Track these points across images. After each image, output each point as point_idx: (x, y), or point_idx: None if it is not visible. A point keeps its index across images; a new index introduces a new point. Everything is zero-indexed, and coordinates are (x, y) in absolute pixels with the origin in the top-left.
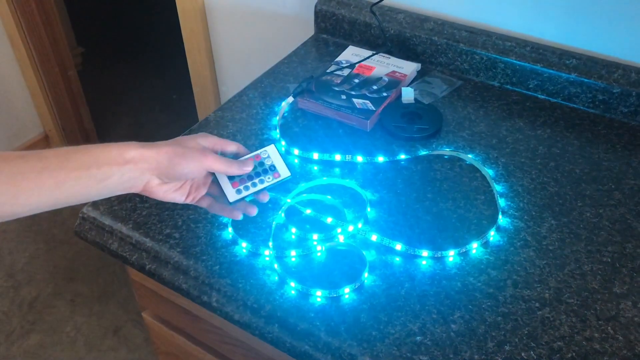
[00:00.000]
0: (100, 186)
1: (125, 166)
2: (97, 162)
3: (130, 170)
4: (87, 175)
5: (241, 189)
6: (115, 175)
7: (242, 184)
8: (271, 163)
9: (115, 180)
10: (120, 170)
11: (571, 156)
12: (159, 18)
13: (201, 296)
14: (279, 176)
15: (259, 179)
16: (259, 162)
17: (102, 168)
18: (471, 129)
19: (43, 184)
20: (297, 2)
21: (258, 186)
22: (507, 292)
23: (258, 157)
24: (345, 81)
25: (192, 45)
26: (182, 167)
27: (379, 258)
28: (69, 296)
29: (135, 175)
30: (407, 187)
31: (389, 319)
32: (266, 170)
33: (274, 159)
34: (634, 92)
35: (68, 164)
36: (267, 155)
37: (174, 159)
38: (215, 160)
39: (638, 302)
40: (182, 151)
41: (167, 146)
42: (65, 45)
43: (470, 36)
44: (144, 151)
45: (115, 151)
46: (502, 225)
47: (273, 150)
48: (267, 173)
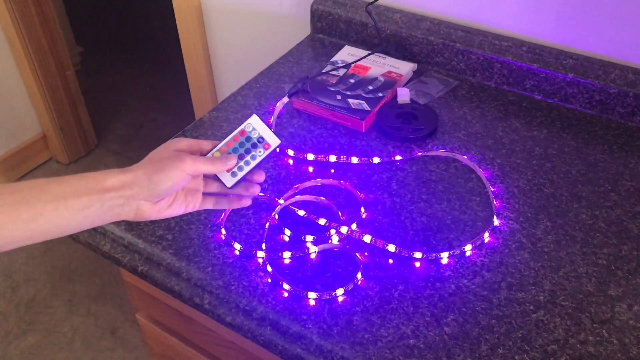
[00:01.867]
0: (79, 217)
1: (106, 195)
2: (75, 192)
3: (111, 199)
4: (64, 206)
5: (235, 170)
6: (95, 205)
7: (234, 166)
8: (258, 135)
9: (97, 209)
10: (101, 200)
11: (567, 157)
12: (157, 18)
13: (193, 298)
14: (269, 147)
15: (251, 155)
16: (245, 138)
17: (81, 198)
18: (467, 130)
19: (18, 217)
20: (293, 2)
21: (252, 163)
22: (501, 294)
23: (243, 133)
24: (340, 81)
25: (188, 44)
26: (164, 181)
27: (372, 260)
28: (66, 296)
29: (118, 203)
30: (402, 188)
31: (382, 321)
32: (255, 144)
33: (260, 129)
34: (630, 92)
35: (44, 195)
36: (252, 129)
37: (153, 177)
38: (195, 161)
39: (633, 305)
40: (158, 166)
41: (143, 166)
42: (63, 45)
43: (466, 36)
44: (122, 177)
45: (92, 181)
46: (497, 227)
47: (256, 120)
48: (256, 147)
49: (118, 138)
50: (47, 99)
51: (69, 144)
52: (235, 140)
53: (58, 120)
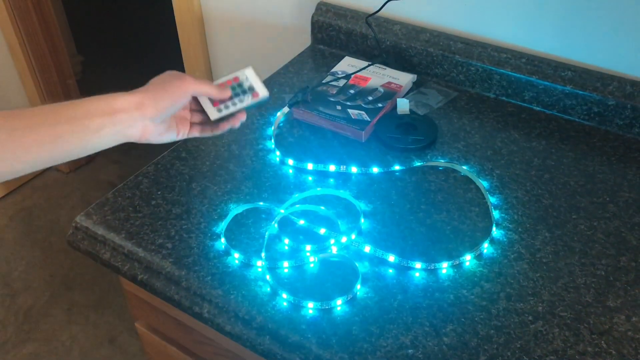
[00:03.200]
0: (95, 137)
1: (116, 116)
2: (88, 114)
3: (122, 120)
4: (82, 128)
5: (221, 107)
6: (107, 126)
7: (222, 102)
8: (250, 84)
9: (109, 130)
10: (112, 120)
11: (566, 168)
12: (158, 28)
13: (193, 307)
14: (257, 96)
15: (239, 98)
16: (237, 84)
17: (94, 119)
18: (466, 140)
19: (41, 139)
20: (294, 13)
21: (238, 105)
22: (500, 305)
23: (237, 79)
24: (340, 92)
25: (189, 55)
26: (168, 99)
27: (371, 270)
28: (65, 305)
29: (129, 123)
30: (401, 199)
31: (381, 331)
32: (245, 90)
33: (253, 80)
34: (629, 104)
35: (61, 117)
36: (245, 77)
37: (157, 95)
38: (196, 82)
39: (632, 316)
40: (162, 85)
41: (148, 88)
42: (64, 54)
43: (465, 47)
44: (130, 98)
45: (103, 102)
46: (496, 238)
47: (251, 72)
48: (246, 93)
49: (118, 147)
50: None
51: None
52: (227, 83)
53: None
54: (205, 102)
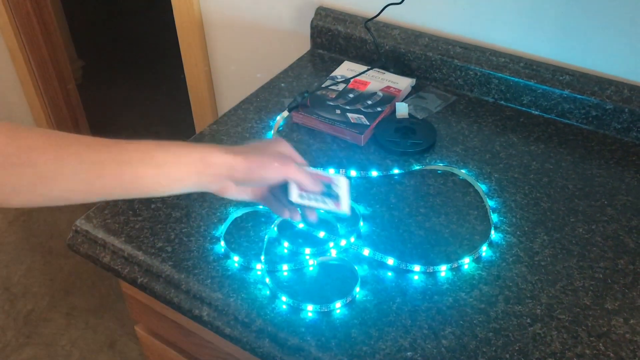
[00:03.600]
0: (175, 185)
1: (206, 171)
2: (178, 162)
3: (209, 175)
4: (165, 174)
5: (304, 194)
6: (192, 178)
7: (308, 192)
8: (338, 193)
9: (191, 182)
10: (199, 175)
11: (564, 172)
12: (159, 33)
13: (192, 310)
14: (339, 207)
15: (320, 199)
16: (327, 185)
17: (182, 169)
18: (465, 144)
19: (121, 177)
20: (293, 18)
21: (319, 204)
22: (498, 307)
23: (329, 179)
24: (340, 96)
25: (189, 59)
26: (262, 176)
27: (370, 273)
28: (65, 309)
29: (214, 180)
30: (400, 202)
31: (380, 334)
32: (330, 195)
33: (342, 191)
34: (626, 108)
35: (149, 160)
36: (337, 184)
37: (253, 169)
38: (297, 171)
39: (630, 318)
40: (262, 160)
41: (247, 154)
42: (65, 59)
43: (464, 52)
44: (226, 158)
45: (197, 154)
46: (495, 241)
47: (345, 184)
48: (330, 197)
49: None
50: (49, 112)
51: None
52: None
53: None
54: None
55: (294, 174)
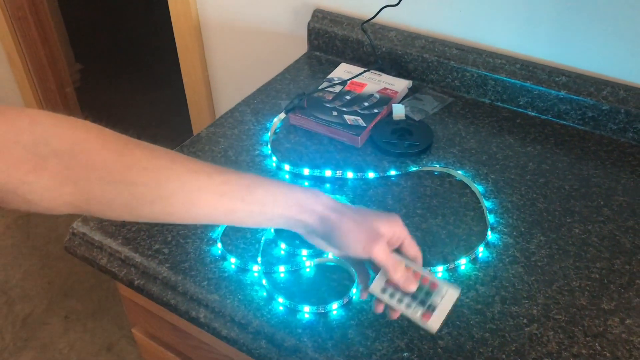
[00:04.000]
0: (264, 222)
1: (299, 216)
2: (274, 203)
3: (300, 220)
4: (259, 212)
5: (388, 290)
6: (282, 219)
7: (394, 288)
8: (437, 303)
9: (279, 222)
10: (291, 219)
11: (561, 173)
12: (156, 36)
13: (189, 312)
14: (427, 319)
15: (408, 302)
16: (427, 291)
17: (275, 210)
18: (461, 146)
19: (218, 208)
20: (290, 20)
21: (401, 307)
22: (495, 308)
23: (434, 286)
24: (336, 98)
25: (187, 62)
26: (341, 242)
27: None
28: (63, 313)
29: (300, 224)
30: (397, 203)
31: (376, 335)
32: (424, 302)
33: (442, 304)
34: (622, 109)
35: (249, 197)
36: (442, 295)
37: (334, 231)
38: (383, 252)
39: (626, 318)
40: (348, 227)
41: (343, 215)
42: (62, 62)
43: (460, 54)
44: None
45: (295, 200)
46: (491, 242)
47: (453, 297)
48: (422, 305)
49: None
50: None
51: None
52: (424, 282)
53: None
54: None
55: (380, 257)
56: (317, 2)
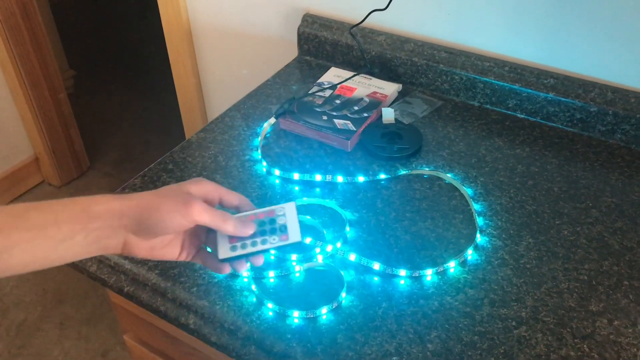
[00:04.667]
0: (60, 248)
1: (91, 224)
2: (57, 220)
3: (97, 229)
4: (43, 236)
5: (237, 245)
6: (78, 235)
7: (240, 240)
8: (284, 223)
9: (80, 240)
10: (85, 229)
11: (549, 174)
12: (149, 42)
13: (179, 318)
14: (286, 239)
15: (263, 238)
16: (270, 219)
17: (62, 227)
18: (451, 148)
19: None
20: (280, 25)
21: (258, 247)
22: (484, 310)
23: (272, 213)
24: (326, 102)
25: (178, 67)
26: (158, 220)
27: (357, 278)
28: (58, 319)
29: (104, 234)
30: (387, 207)
31: (365, 339)
32: (274, 229)
33: (289, 219)
34: (610, 110)
35: (22, 223)
36: (282, 213)
37: (147, 212)
38: (203, 211)
39: (614, 319)
40: (159, 202)
41: (142, 197)
42: (55, 69)
43: (449, 57)
44: (113, 204)
45: (78, 207)
46: (480, 244)
47: (291, 209)
48: (274, 233)
49: (110, 160)
50: (40, 122)
51: (61, 166)
52: (258, 217)
53: (50, 143)
54: (222, 235)
55: (202, 216)
56: (307, 7)
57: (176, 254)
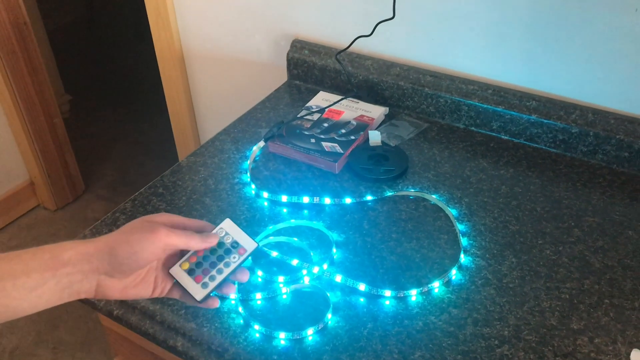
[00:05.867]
0: (32, 297)
1: (61, 270)
2: (26, 269)
3: (68, 275)
4: (12, 286)
5: (207, 281)
6: (49, 282)
7: (205, 274)
8: (232, 240)
9: (51, 287)
10: (56, 276)
11: (533, 195)
12: (143, 67)
13: (167, 340)
14: (245, 251)
15: (224, 262)
16: (219, 244)
17: (32, 276)
18: (436, 170)
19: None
20: (270, 51)
21: (225, 271)
22: (467, 330)
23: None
24: (315, 125)
25: (171, 92)
26: (130, 253)
27: (343, 299)
28: (51, 344)
29: (76, 278)
30: (373, 228)
31: (350, 359)
32: (228, 250)
33: (234, 233)
34: (591, 131)
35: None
36: (224, 233)
37: (117, 248)
38: (170, 233)
39: (595, 337)
40: (126, 236)
41: (109, 237)
42: (51, 93)
43: (434, 80)
44: (81, 248)
45: (47, 254)
46: (464, 264)
47: (229, 224)
48: (230, 253)
49: (105, 183)
50: (35, 146)
51: (56, 190)
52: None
53: (46, 167)
54: (186, 279)
55: (166, 237)
56: (296, 33)
57: (149, 290)
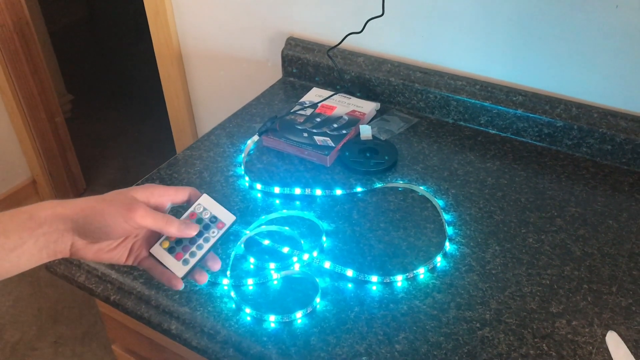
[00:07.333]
0: (12, 257)
1: (38, 230)
2: (4, 230)
3: (45, 234)
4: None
5: (187, 258)
6: (28, 242)
7: (186, 251)
8: (210, 214)
9: (30, 247)
10: (33, 236)
11: (518, 186)
12: (144, 67)
13: (162, 324)
14: (224, 225)
15: (204, 237)
16: (196, 220)
17: (11, 236)
18: (425, 163)
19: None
20: (265, 48)
21: (205, 246)
22: (450, 313)
23: (193, 215)
24: (307, 120)
25: (170, 90)
26: (101, 225)
27: (331, 284)
28: (52, 338)
29: (52, 238)
30: (362, 218)
31: (337, 341)
32: (208, 225)
33: (211, 208)
34: (575, 125)
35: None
36: (202, 209)
37: (90, 217)
38: (146, 215)
39: (572, 320)
40: (102, 207)
41: (87, 202)
42: (52, 93)
43: (424, 77)
44: (58, 209)
45: (24, 215)
46: (449, 252)
47: (206, 200)
48: (209, 228)
49: (107, 182)
50: (37, 145)
51: (58, 188)
52: (192, 217)
53: (47, 166)
54: (166, 257)
55: (145, 221)
56: (290, 31)
57: (123, 258)
